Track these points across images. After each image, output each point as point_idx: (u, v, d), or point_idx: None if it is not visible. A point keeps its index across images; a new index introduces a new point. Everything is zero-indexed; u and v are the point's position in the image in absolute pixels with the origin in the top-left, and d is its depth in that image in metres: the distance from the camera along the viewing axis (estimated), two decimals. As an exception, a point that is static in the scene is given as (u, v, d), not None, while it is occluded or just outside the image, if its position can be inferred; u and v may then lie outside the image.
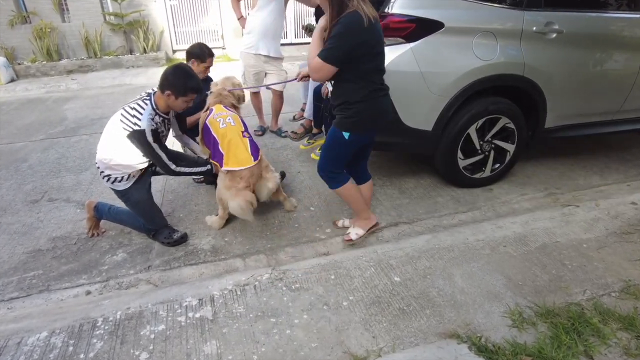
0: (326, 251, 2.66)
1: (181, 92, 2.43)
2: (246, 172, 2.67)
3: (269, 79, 4.21)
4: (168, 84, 2.41)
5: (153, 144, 2.43)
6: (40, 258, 2.66)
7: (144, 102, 2.47)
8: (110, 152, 2.51)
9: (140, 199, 2.67)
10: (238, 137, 2.74)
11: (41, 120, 5.27)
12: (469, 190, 3.38)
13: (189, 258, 2.62)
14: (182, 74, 2.45)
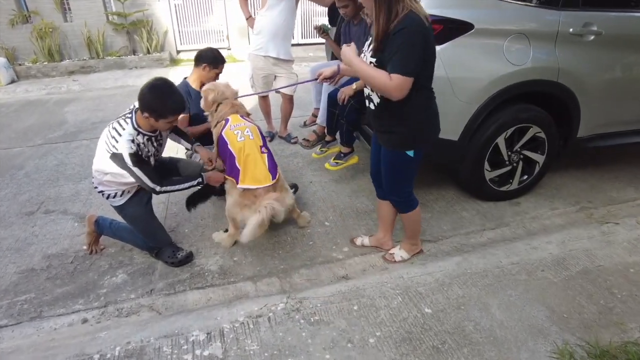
0: (345, 274, 2.43)
1: (160, 114, 2.17)
2: (261, 191, 2.44)
3: (279, 82, 3.98)
4: (145, 105, 2.15)
5: (133, 167, 2.18)
6: (34, 279, 2.44)
7: (125, 120, 2.23)
8: (102, 168, 2.29)
9: (137, 215, 2.44)
10: (257, 152, 2.51)
11: (40, 123, 5.07)
12: (494, 204, 3.15)
13: (195, 281, 2.39)
14: (159, 94, 2.14)
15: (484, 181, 3.04)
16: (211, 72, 3.05)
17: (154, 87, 2.16)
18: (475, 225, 2.89)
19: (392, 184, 2.23)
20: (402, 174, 2.17)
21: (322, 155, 3.45)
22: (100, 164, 2.29)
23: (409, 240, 2.51)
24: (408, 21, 1.73)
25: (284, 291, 2.29)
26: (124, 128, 2.20)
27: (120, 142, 2.16)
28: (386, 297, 2.12)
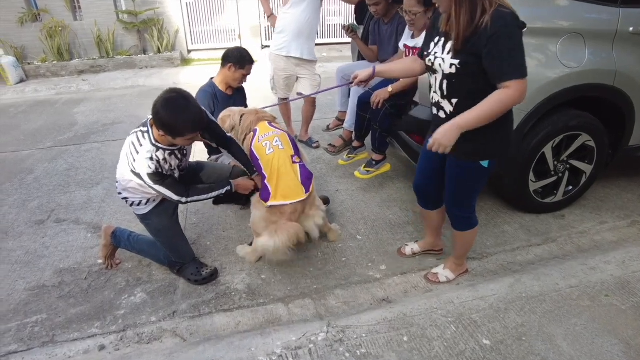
0: (385, 296, 2.21)
1: (176, 132, 1.94)
2: (289, 208, 2.23)
3: (301, 83, 3.78)
4: (159, 122, 1.91)
5: (154, 186, 2.02)
6: (45, 297, 2.24)
7: (143, 135, 2.01)
8: (126, 176, 2.09)
9: (162, 226, 2.25)
10: (288, 164, 2.29)
11: (50, 124, 4.89)
12: (537, 216, 2.92)
13: (221, 301, 2.18)
14: (174, 109, 1.88)
15: (528, 193, 2.81)
16: (237, 73, 2.85)
17: (167, 102, 1.89)
18: (520, 241, 2.67)
19: (459, 197, 2.03)
20: (472, 186, 1.96)
21: (349, 162, 3.24)
22: (124, 172, 2.10)
23: (455, 260, 2.30)
24: (508, 18, 1.57)
25: (319, 316, 2.08)
26: (141, 144, 1.99)
27: (138, 161, 1.97)
28: (438, 326, 1.90)
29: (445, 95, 1.82)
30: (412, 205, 3.04)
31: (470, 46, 1.63)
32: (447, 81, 1.78)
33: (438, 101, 1.88)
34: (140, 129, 2.04)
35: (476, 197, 2.05)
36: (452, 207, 2.09)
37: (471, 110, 1.67)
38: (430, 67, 1.86)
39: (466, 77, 1.72)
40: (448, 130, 1.68)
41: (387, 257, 2.51)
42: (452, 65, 1.70)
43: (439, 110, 1.89)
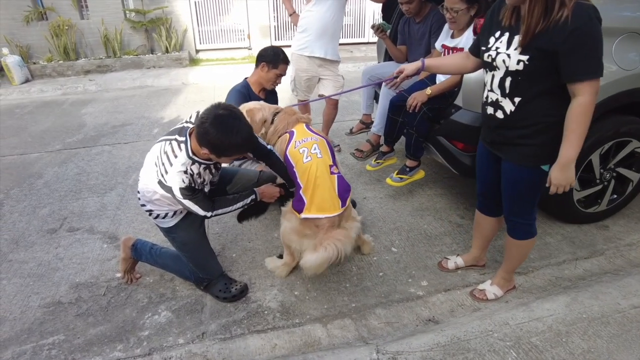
0: (430, 315, 2.04)
1: (223, 152, 1.81)
2: (325, 221, 2.05)
3: (323, 85, 3.60)
4: (205, 140, 1.75)
5: (183, 200, 1.86)
6: (61, 315, 2.07)
7: (179, 146, 1.84)
8: (153, 187, 1.92)
9: (188, 239, 2.08)
10: (326, 175, 2.10)
11: (57, 126, 4.72)
12: (579, 227, 2.75)
13: (253, 321, 2.01)
14: (226, 129, 1.73)
15: (571, 202, 2.65)
16: (270, 73, 2.69)
17: (218, 121, 1.73)
18: (565, 254, 2.50)
19: (519, 204, 1.88)
20: (533, 192, 1.81)
21: (377, 168, 3.06)
22: (149, 183, 1.93)
23: (504, 274, 2.14)
24: (591, 12, 1.43)
25: (362, 338, 1.90)
26: (176, 155, 1.82)
27: (171, 173, 1.80)
28: (497, 351, 1.73)
29: (507, 93, 1.67)
30: (446, 214, 2.88)
31: (544, 42, 1.49)
32: (512, 79, 1.63)
33: (497, 100, 1.72)
34: (175, 138, 1.87)
35: (537, 203, 1.89)
36: (511, 215, 1.93)
37: (568, 140, 1.56)
38: (488, 64, 1.71)
39: (534, 74, 1.58)
40: (563, 170, 1.60)
41: (428, 272, 2.34)
42: (520, 62, 1.56)
43: (497, 110, 1.74)
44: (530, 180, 1.77)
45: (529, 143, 1.71)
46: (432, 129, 2.60)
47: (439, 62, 2.06)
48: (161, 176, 1.82)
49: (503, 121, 1.73)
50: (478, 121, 2.32)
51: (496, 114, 1.75)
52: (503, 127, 1.75)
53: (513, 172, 1.81)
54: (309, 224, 2.06)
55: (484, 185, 2.07)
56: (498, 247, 2.54)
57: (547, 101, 1.62)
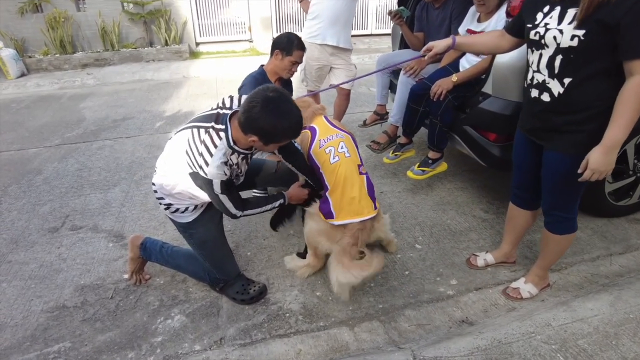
0: (463, 316, 1.91)
1: (273, 138, 1.66)
2: (357, 225, 1.90)
3: (335, 74, 3.45)
4: (253, 126, 1.60)
5: (220, 195, 1.71)
6: (67, 320, 1.92)
7: (218, 134, 1.67)
8: (174, 179, 1.76)
9: (208, 236, 1.93)
10: (355, 175, 1.94)
11: (56, 121, 4.54)
12: (609, 221, 2.62)
13: (274, 325, 1.87)
14: (277, 113, 1.58)
15: (603, 194, 2.52)
16: (285, 61, 2.53)
17: (270, 104, 1.57)
18: (598, 249, 2.37)
19: (562, 197, 1.75)
20: (579, 184, 1.66)
21: (395, 161, 2.92)
22: (175, 177, 1.77)
23: (538, 271, 2.01)
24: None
25: (393, 342, 1.77)
26: (216, 145, 1.65)
27: (212, 165, 1.63)
28: (542, 356, 1.59)
29: (557, 73, 1.53)
30: (469, 209, 2.74)
31: (605, 13, 1.35)
32: (563, 57, 1.49)
33: (543, 81, 1.58)
34: (212, 126, 1.69)
35: (581, 195, 1.76)
36: (552, 209, 1.80)
37: (616, 121, 1.43)
38: (535, 42, 1.56)
39: (589, 51, 1.44)
40: (606, 153, 1.47)
41: (456, 270, 2.20)
42: (575, 37, 1.42)
43: (543, 92, 1.60)
44: (576, 171, 1.63)
45: (578, 130, 1.57)
46: (457, 118, 2.46)
47: (472, 40, 1.91)
48: (199, 168, 1.64)
49: (550, 105, 1.59)
50: (509, 109, 2.18)
51: (542, 97, 1.61)
52: (549, 111, 1.60)
53: (557, 162, 1.67)
54: (339, 228, 1.90)
55: (521, 176, 1.93)
56: (527, 242, 2.41)
57: (601, 83, 1.48)
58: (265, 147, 1.71)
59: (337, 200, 1.90)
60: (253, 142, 1.64)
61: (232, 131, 1.68)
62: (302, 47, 2.54)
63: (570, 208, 1.79)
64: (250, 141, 1.65)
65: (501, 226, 2.55)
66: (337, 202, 1.90)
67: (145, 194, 2.96)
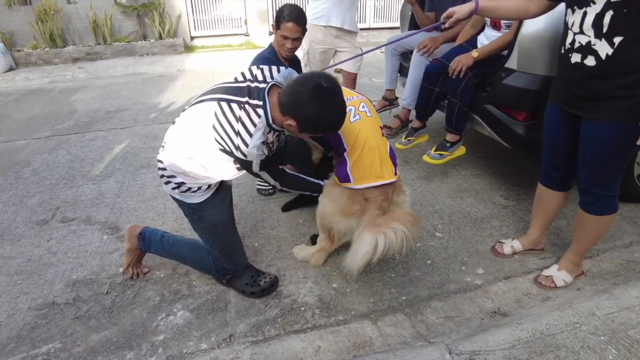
0: (495, 307, 1.74)
1: (314, 129, 1.51)
2: (378, 192, 1.73)
3: (340, 58, 3.27)
4: (299, 112, 1.44)
5: (259, 172, 1.60)
6: (57, 318, 1.73)
7: (256, 111, 1.48)
8: (190, 153, 1.58)
9: (219, 219, 1.74)
10: (378, 136, 1.78)
11: (46, 113, 4.33)
12: (636, 206, 2.48)
13: (289, 320, 1.69)
14: (326, 105, 1.44)
15: (631, 177, 2.37)
16: (277, 36, 2.35)
17: (320, 92, 1.42)
18: (630, 235, 2.23)
19: (606, 172, 1.60)
20: (625, 157, 1.53)
21: (408, 146, 2.75)
22: (192, 151, 1.57)
23: (573, 257, 1.85)
24: None
25: (421, 336, 1.60)
26: (255, 124, 1.47)
27: (252, 146, 1.47)
28: (592, 348, 1.43)
29: (605, 32, 1.37)
30: (488, 195, 2.58)
31: None
32: (614, 12, 1.34)
33: (588, 43, 1.43)
34: (247, 101, 1.49)
35: (624, 169, 1.61)
36: (592, 186, 1.64)
37: None
38: (577, 0, 1.40)
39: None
40: None
41: (481, 258, 2.04)
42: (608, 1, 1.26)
43: (587, 56, 1.44)
44: (626, 141, 1.48)
45: (628, 95, 1.41)
46: (478, 97, 2.29)
47: (496, 4, 1.72)
48: (235, 148, 1.48)
49: (595, 70, 1.43)
50: (536, 84, 2.02)
51: (585, 62, 1.45)
52: (595, 77, 1.45)
53: (602, 132, 1.52)
54: (357, 198, 1.73)
55: (554, 154, 1.77)
56: (553, 229, 2.26)
57: None
58: (298, 133, 1.54)
59: (356, 162, 1.72)
60: (289, 125, 1.48)
61: (271, 108, 1.50)
62: (291, 18, 2.30)
63: (612, 185, 1.63)
64: (286, 124, 1.48)
65: (524, 213, 2.39)
66: (356, 164, 1.72)
67: (142, 185, 2.77)
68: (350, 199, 1.74)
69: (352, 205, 1.74)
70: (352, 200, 1.74)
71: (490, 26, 2.36)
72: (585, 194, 1.70)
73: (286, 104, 1.44)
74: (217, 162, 1.57)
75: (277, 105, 1.48)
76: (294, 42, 2.38)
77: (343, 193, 1.77)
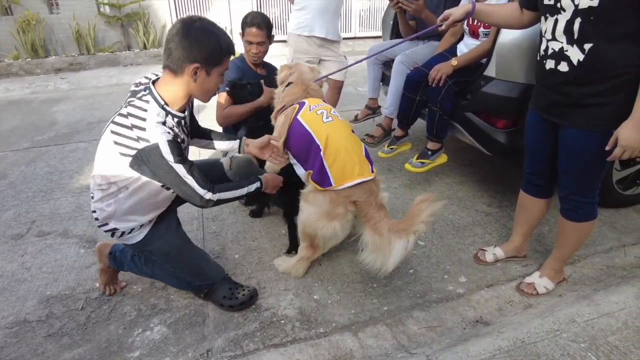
0: (477, 316, 1.73)
1: (217, 58, 1.47)
2: (359, 190, 1.72)
3: (325, 67, 3.28)
4: (196, 51, 1.42)
5: (176, 165, 1.44)
6: (28, 336, 1.67)
7: (143, 99, 1.46)
8: (111, 197, 1.55)
9: (169, 247, 1.70)
10: (351, 136, 1.81)
11: (25, 124, 4.24)
12: (616, 211, 2.50)
13: (268, 333, 1.65)
14: (211, 30, 1.46)
15: (610, 183, 2.40)
16: (243, 42, 2.39)
17: (202, 24, 1.45)
18: (610, 240, 2.24)
19: (584, 180, 1.60)
20: (602, 163, 1.53)
21: (391, 155, 2.75)
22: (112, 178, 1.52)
23: (555, 264, 1.86)
24: None
25: (402, 347, 1.58)
26: (145, 109, 1.44)
27: (149, 126, 1.41)
28: (571, 355, 1.43)
29: (576, 39, 1.39)
30: (471, 203, 2.59)
31: None
32: (582, 19, 1.35)
33: (560, 49, 1.44)
34: (132, 100, 1.48)
35: (603, 177, 1.62)
36: (572, 193, 1.65)
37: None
38: (550, 7, 1.43)
39: (612, 11, 1.31)
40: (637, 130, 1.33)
41: (464, 266, 2.04)
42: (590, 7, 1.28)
43: (560, 62, 1.46)
44: (600, 148, 1.49)
45: (602, 102, 1.43)
46: (458, 105, 2.31)
47: (491, 10, 1.71)
48: (136, 140, 1.41)
49: (569, 75, 1.45)
50: (515, 92, 2.04)
51: (559, 68, 1.46)
52: (569, 83, 1.46)
53: (578, 140, 1.53)
54: (340, 200, 1.71)
55: (535, 161, 1.78)
56: (535, 235, 2.26)
57: (628, 48, 1.34)
58: (208, 79, 1.49)
59: (334, 163, 1.71)
60: (195, 73, 1.45)
61: (158, 90, 1.49)
62: (254, 24, 2.38)
63: (592, 192, 1.64)
64: (192, 76, 1.45)
65: (506, 220, 2.40)
66: (334, 165, 1.71)
67: (121, 196, 2.72)
68: (333, 202, 1.73)
69: (336, 208, 1.72)
70: (335, 203, 1.72)
71: (469, 35, 2.38)
72: (565, 201, 1.70)
73: (176, 57, 1.42)
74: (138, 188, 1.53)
75: (168, 78, 1.48)
76: (258, 47, 2.43)
77: (325, 197, 1.75)
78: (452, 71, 2.23)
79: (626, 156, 1.38)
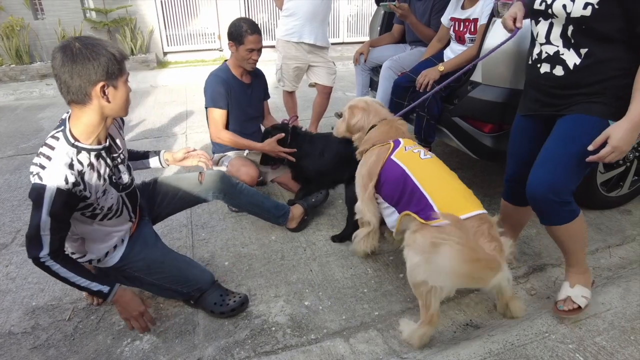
0: (467, 320, 1.75)
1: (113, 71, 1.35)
2: (475, 222, 1.47)
3: (314, 73, 3.31)
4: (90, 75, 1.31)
5: (44, 217, 1.35)
6: (12, 349, 1.63)
7: (55, 135, 1.41)
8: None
9: (150, 260, 1.68)
10: (451, 173, 1.72)
11: (10, 132, 4.18)
12: (601, 212, 2.55)
13: (259, 341, 1.64)
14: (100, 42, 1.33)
15: (594, 185, 2.44)
16: (240, 51, 2.36)
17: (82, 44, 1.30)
18: (596, 242, 2.28)
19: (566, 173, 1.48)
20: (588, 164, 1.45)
21: (380, 160, 2.76)
22: None
23: (575, 269, 1.68)
24: None
25: (394, 352, 1.58)
26: (53, 147, 1.38)
27: (50, 168, 1.35)
28: (560, 356, 1.44)
29: (573, 44, 1.41)
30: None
31: None
32: (575, 27, 1.38)
33: (556, 53, 1.46)
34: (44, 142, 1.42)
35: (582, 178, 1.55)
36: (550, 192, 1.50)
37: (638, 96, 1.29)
38: (541, 12, 1.46)
39: (602, 21, 1.33)
40: (629, 132, 1.30)
41: (453, 270, 2.05)
42: (588, 6, 1.32)
43: (556, 66, 1.47)
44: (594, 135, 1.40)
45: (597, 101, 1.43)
46: (445, 109, 2.33)
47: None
48: (33, 177, 1.35)
49: (564, 79, 1.46)
50: (501, 97, 2.08)
51: (554, 72, 1.48)
52: (563, 86, 1.48)
53: (575, 123, 1.47)
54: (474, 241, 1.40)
55: (519, 166, 1.78)
56: (523, 237, 2.30)
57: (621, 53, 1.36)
58: (117, 92, 1.38)
59: (441, 196, 1.53)
60: (104, 93, 1.34)
61: (72, 128, 1.40)
62: (255, 30, 2.33)
63: (568, 190, 1.53)
64: (102, 99, 1.34)
65: (494, 223, 2.42)
66: (441, 198, 1.52)
67: (109, 204, 2.68)
68: (470, 244, 1.35)
69: (477, 251, 1.34)
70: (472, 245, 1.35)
71: (456, 40, 2.42)
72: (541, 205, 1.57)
73: (79, 85, 1.30)
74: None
75: (78, 112, 1.38)
76: (259, 53, 2.42)
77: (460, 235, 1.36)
78: (439, 76, 2.26)
79: (612, 159, 1.36)
